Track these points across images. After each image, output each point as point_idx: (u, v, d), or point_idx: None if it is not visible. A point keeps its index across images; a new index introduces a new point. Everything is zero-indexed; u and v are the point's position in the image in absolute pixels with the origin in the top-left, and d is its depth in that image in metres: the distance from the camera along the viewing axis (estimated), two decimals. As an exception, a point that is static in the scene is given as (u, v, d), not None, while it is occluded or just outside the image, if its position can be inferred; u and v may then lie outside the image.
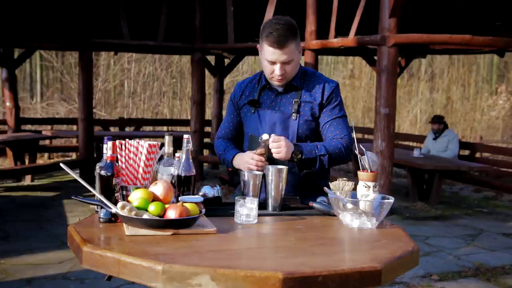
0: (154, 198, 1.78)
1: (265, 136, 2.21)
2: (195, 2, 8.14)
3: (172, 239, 1.64)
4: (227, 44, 8.09)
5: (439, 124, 8.52)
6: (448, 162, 7.60)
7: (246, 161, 2.23)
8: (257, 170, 2.16)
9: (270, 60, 2.26)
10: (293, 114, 2.34)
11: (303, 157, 2.23)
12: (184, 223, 1.69)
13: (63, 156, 11.44)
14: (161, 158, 2.02)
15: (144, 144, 1.91)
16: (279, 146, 2.17)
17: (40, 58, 13.86)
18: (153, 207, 1.70)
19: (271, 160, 2.23)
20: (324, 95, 2.35)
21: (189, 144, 1.97)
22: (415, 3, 7.76)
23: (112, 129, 11.26)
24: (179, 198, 1.84)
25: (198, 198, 1.86)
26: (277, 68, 2.27)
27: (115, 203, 1.77)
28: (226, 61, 10.69)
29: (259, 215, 1.92)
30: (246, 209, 1.88)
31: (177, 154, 2.02)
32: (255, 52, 10.87)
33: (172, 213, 1.69)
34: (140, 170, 1.90)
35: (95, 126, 9.57)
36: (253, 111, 2.40)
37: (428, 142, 8.76)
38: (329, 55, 13.73)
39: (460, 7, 8.46)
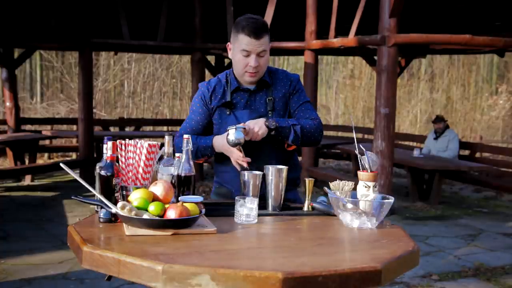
0: (154, 198, 1.78)
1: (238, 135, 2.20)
2: (195, 2, 8.14)
3: (172, 239, 1.64)
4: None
5: (441, 124, 8.52)
6: (448, 162, 7.59)
7: (233, 156, 2.28)
8: (242, 166, 2.25)
9: (246, 50, 2.28)
10: (269, 112, 2.38)
11: (278, 125, 2.26)
12: (184, 223, 1.69)
13: (63, 156, 11.45)
14: (161, 158, 2.02)
15: (144, 144, 1.90)
16: (254, 130, 2.22)
17: (40, 58, 13.85)
18: (153, 207, 1.70)
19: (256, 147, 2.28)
20: (291, 86, 2.44)
21: (189, 144, 1.97)
22: (415, 3, 7.77)
23: (112, 129, 11.26)
24: (179, 198, 1.84)
25: (198, 198, 1.86)
26: (252, 59, 2.29)
27: (115, 203, 1.77)
28: (226, 61, 10.69)
29: (259, 215, 1.92)
30: (246, 209, 1.88)
31: (177, 154, 2.02)
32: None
33: (172, 213, 1.69)
34: (140, 170, 1.90)
35: (95, 126, 9.57)
36: (228, 113, 2.37)
37: (428, 142, 8.76)
38: (329, 55, 13.73)
39: (460, 7, 8.46)
